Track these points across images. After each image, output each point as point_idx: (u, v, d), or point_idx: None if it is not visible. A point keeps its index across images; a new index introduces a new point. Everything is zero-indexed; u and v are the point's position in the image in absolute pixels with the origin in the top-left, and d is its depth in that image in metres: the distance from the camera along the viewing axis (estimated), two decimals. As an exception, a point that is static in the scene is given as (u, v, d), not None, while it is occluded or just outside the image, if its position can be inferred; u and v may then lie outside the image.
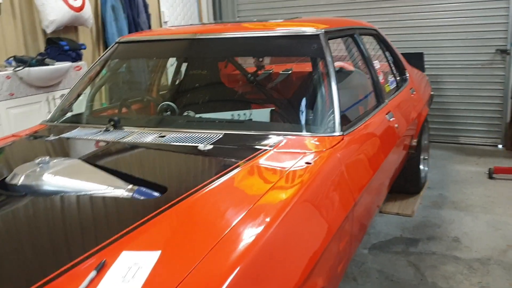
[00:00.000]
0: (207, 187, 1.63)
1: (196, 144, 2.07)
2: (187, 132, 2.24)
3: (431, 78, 5.13)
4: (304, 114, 2.33)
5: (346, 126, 2.28)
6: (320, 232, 1.66)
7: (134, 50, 2.97)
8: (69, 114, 2.72)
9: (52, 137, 2.32)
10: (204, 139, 2.12)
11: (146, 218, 1.42)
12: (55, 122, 2.63)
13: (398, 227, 3.62)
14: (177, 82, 3.22)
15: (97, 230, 1.43)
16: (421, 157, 4.13)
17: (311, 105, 2.34)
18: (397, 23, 5.52)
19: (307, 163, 1.88)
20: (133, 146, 2.13)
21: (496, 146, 5.54)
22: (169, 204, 1.51)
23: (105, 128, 2.36)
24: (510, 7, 5.09)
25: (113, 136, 2.26)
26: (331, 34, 2.64)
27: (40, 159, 1.75)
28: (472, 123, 5.61)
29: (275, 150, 2.01)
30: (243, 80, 3.07)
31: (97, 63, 2.95)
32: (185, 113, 2.53)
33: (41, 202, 1.61)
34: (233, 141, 2.13)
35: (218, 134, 2.18)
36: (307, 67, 2.74)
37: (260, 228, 1.37)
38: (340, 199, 1.91)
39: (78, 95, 2.85)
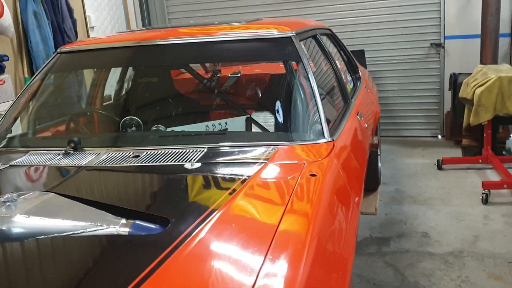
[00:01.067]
0: (214, 215, 1.40)
1: (180, 163, 1.82)
2: (163, 149, 1.98)
3: (372, 74, 5.18)
4: (289, 121, 2.17)
5: (331, 131, 2.14)
6: (346, 245, 1.51)
7: (79, 61, 2.63)
8: (10, 137, 2.34)
9: (2, 166, 1.96)
10: (186, 156, 1.88)
11: (157, 261, 1.17)
12: (-5, 147, 2.25)
13: (365, 226, 3.57)
14: (132, 94, 2.89)
15: (97, 281, 1.16)
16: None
17: (295, 111, 2.17)
18: (335, 22, 5.51)
19: (311, 175, 1.72)
20: (108, 170, 1.84)
21: (436, 136, 5.72)
22: (179, 239, 1.27)
23: (64, 151, 2.03)
24: (441, 2, 5.26)
25: (77, 160, 1.95)
26: (301, 36, 2.50)
27: (6, 196, 1.43)
28: (412, 115, 5.75)
29: (270, 163, 1.82)
30: (208, 87, 2.83)
31: (37, 76, 2.58)
32: (154, 128, 2.26)
33: (19, 250, 1.30)
34: (220, 156, 1.92)
35: (199, 149, 1.95)
36: (277, 69, 2.58)
37: (293, 268, 1.17)
38: (348, 207, 1.78)
39: (19, 114, 2.47)
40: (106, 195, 1.68)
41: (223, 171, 1.78)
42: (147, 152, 1.96)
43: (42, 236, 1.33)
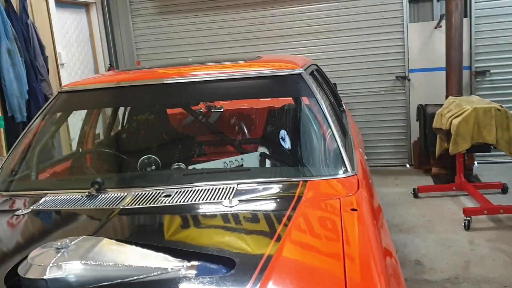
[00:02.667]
0: (277, 256, 1.39)
1: (217, 201, 1.79)
2: (191, 187, 1.94)
3: (343, 107, 5.34)
4: (311, 155, 2.19)
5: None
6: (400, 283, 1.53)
7: (81, 100, 2.54)
8: (20, 178, 2.22)
9: (24, 211, 1.84)
10: (218, 194, 1.85)
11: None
12: (5, 191, 2.12)
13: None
14: (141, 132, 2.81)
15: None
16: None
17: (315, 146, 2.20)
18: (307, 56, 5.67)
19: (353, 209, 1.74)
20: (145, 212, 1.77)
21: (405, 165, 5.92)
22: (253, 279, 1.25)
23: (87, 193, 1.94)
24: (405, 38, 5.55)
25: (106, 202, 1.86)
26: (307, 72, 2.56)
27: (59, 243, 1.34)
28: (381, 145, 5.94)
29: (306, 199, 1.82)
30: (225, 122, 2.80)
31: (38, 117, 2.48)
32: (175, 166, 2.21)
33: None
34: (253, 193, 1.90)
35: (229, 186, 1.93)
36: (285, 103, 2.61)
37: None
38: (386, 239, 1.81)
39: (24, 156, 2.35)
40: (156, 237, 1.62)
41: (263, 209, 1.77)
42: (177, 191, 1.91)
43: (107, 283, 1.26)
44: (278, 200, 1.83)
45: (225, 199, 1.80)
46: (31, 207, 1.87)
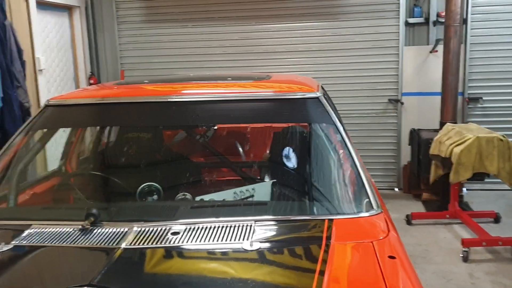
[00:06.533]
0: None
1: (235, 242, 1.57)
2: (202, 223, 1.71)
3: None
4: (334, 190, 2.00)
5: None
6: None
7: (72, 116, 2.27)
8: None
9: (3, 247, 1.57)
10: (234, 234, 1.63)
11: None
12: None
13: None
14: (137, 155, 2.53)
15: None
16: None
17: (340, 180, 2.02)
18: (299, 75, 5.52)
19: (390, 257, 1.57)
20: (155, 254, 1.53)
21: (393, 189, 5.81)
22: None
23: (81, 226, 1.69)
24: (399, 60, 5.47)
25: (103, 238, 1.61)
26: (324, 95, 2.39)
27: None
28: (371, 168, 5.79)
29: (336, 242, 1.63)
30: (227, 142, 2.58)
31: (21, 132, 2.21)
32: (180, 196, 1.97)
33: None
34: (273, 232, 1.69)
35: (245, 223, 1.71)
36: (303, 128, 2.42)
37: None
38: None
39: (4, 176, 2.08)
40: (169, 284, 1.39)
41: (290, 254, 1.56)
42: (186, 228, 1.68)
43: None
44: (305, 243, 1.63)
45: (243, 240, 1.59)
46: (13, 242, 1.60)
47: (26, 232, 1.68)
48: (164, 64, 5.90)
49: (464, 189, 5.40)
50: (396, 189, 5.81)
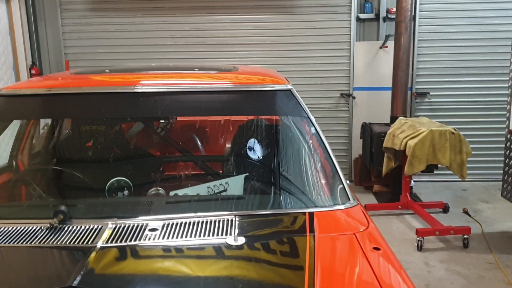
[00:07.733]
0: None
1: (218, 237, 1.49)
2: (179, 218, 1.61)
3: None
4: (313, 185, 1.96)
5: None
6: None
7: (28, 107, 2.08)
8: None
9: None
10: (214, 228, 1.55)
11: None
12: None
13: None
14: (104, 149, 2.34)
15: None
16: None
17: (316, 173, 1.98)
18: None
19: (375, 248, 1.56)
20: (131, 251, 1.41)
21: (345, 182, 5.89)
22: None
23: (49, 225, 1.54)
24: (351, 55, 5.55)
25: (74, 237, 1.48)
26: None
27: None
28: (323, 162, 5.87)
29: (319, 235, 1.59)
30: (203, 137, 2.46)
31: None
32: (152, 191, 1.85)
33: None
34: (255, 227, 1.63)
35: (226, 218, 1.63)
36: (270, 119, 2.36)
37: None
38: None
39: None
40: (155, 284, 1.29)
41: (275, 248, 1.50)
42: (163, 224, 1.58)
43: None
44: (288, 238, 1.57)
45: (226, 235, 1.51)
46: None
47: None
48: (111, 55, 5.65)
49: (412, 181, 5.58)
50: (348, 181, 5.89)
